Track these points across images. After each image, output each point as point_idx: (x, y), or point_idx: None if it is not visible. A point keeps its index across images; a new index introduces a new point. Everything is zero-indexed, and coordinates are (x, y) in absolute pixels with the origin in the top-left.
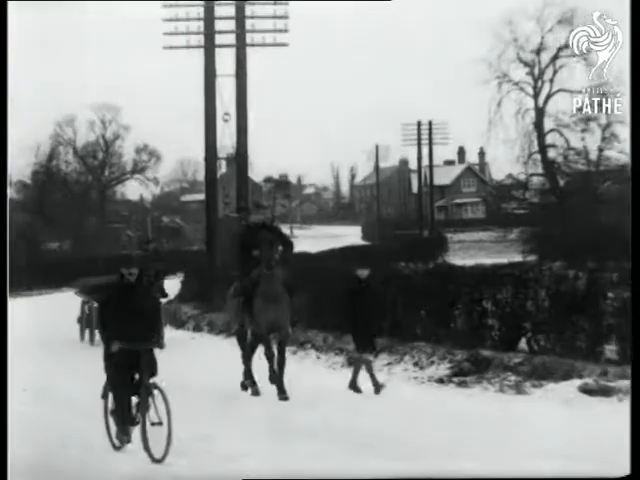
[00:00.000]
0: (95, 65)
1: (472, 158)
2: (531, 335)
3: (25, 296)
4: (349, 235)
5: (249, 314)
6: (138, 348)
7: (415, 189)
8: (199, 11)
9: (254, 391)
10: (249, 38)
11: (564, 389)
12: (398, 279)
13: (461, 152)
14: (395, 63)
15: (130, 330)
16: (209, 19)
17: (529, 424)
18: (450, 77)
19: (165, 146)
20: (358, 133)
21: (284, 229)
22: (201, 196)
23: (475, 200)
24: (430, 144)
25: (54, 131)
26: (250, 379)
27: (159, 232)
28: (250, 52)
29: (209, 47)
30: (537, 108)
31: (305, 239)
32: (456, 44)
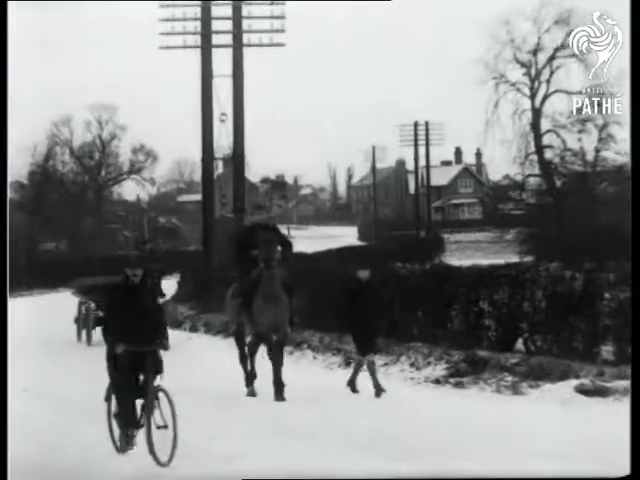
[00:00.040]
0: (94, 65)
1: (469, 159)
2: (528, 336)
3: (23, 296)
4: (346, 236)
5: (248, 314)
6: (143, 350)
7: (412, 190)
8: (196, 11)
9: (250, 392)
10: (246, 38)
11: (561, 389)
12: (395, 280)
13: (458, 153)
14: (392, 64)
15: (134, 332)
16: (206, 19)
17: (526, 424)
18: (447, 78)
19: (162, 146)
20: (355, 133)
21: (281, 230)
22: (198, 196)
23: (472, 201)
24: (427, 145)
25: (51, 131)
26: (247, 379)
27: (156, 232)
28: (247, 52)
29: (206, 47)
30: (534, 109)
31: (302, 240)
32: (453, 45)
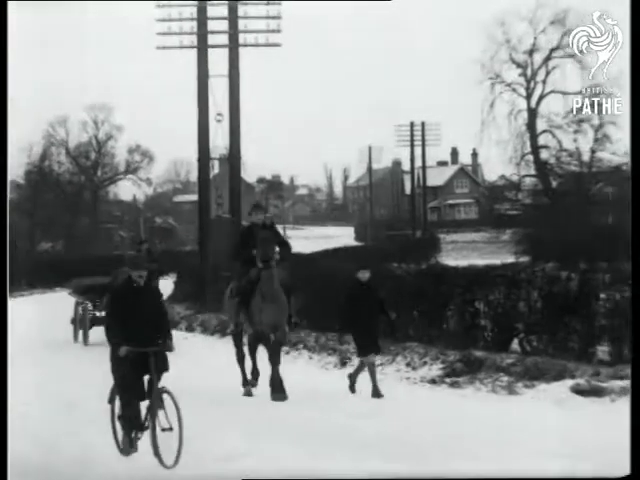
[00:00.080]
0: (93, 65)
1: (465, 159)
2: (523, 336)
3: (20, 297)
4: (342, 236)
5: (247, 314)
6: (147, 351)
7: (408, 190)
8: (192, 11)
9: (247, 391)
10: (242, 38)
11: (556, 390)
12: (391, 280)
13: (454, 153)
14: (388, 64)
15: (139, 333)
16: (202, 19)
17: (521, 424)
18: (443, 78)
19: (158, 146)
20: (351, 134)
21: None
22: (194, 197)
23: (468, 201)
24: (423, 145)
25: (47, 131)
26: (244, 379)
27: (152, 232)
28: (243, 52)
29: (202, 47)
30: (530, 109)
31: (298, 240)
32: (449, 45)
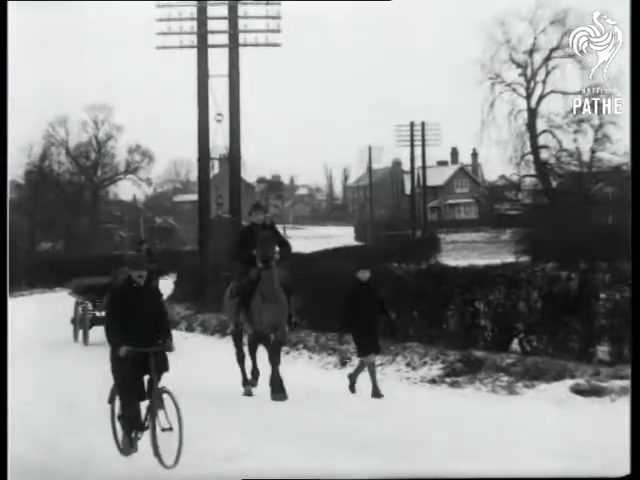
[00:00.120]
0: (93, 65)
1: (465, 159)
2: (523, 336)
3: (20, 296)
4: (342, 236)
5: (247, 314)
6: (147, 351)
7: (408, 190)
8: (192, 11)
9: (247, 391)
10: (242, 38)
11: (556, 389)
12: (391, 280)
13: (454, 153)
14: (388, 64)
15: (139, 333)
16: (202, 19)
17: (521, 424)
18: (443, 78)
19: (158, 146)
20: (351, 134)
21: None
22: (194, 196)
23: (468, 201)
24: (423, 145)
25: (47, 131)
26: (244, 379)
27: (152, 232)
28: (243, 52)
29: (202, 47)
30: (530, 109)
31: (298, 240)
32: (449, 45)
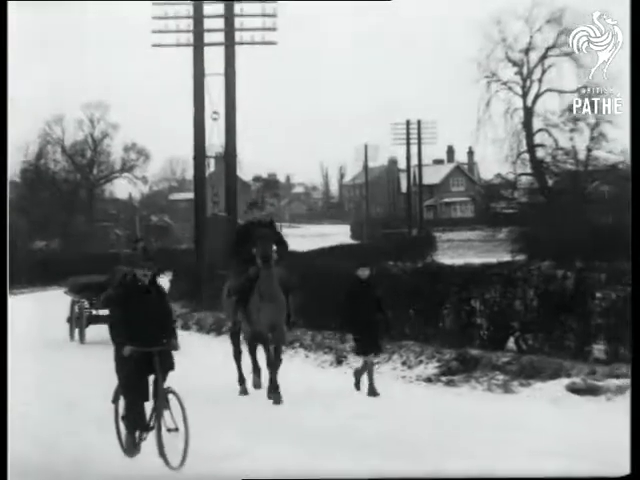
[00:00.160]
0: (92, 65)
1: (461, 157)
2: (519, 334)
3: (16, 295)
4: (338, 234)
5: (244, 313)
6: (152, 350)
7: (404, 188)
8: (188, 9)
9: (243, 390)
10: (238, 36)
11: (552, 388)
12: (387, 278)
13: (450, 151)
14: (384, 63)
15: (144, 332)
16: (198, 17)
17: (517, 423)
18: (439, 77)
19: (154, 145)
20: (347, 132)
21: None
22: (190, 195)
23: (464, 199)
24: (419, 143)
25: (43, 130)
26: (240, 377)
27: (148, 231)
28: (239, 50)
29: (198, 45)
30: (526, 108)
31: (294, 238)
32: (445, 44)
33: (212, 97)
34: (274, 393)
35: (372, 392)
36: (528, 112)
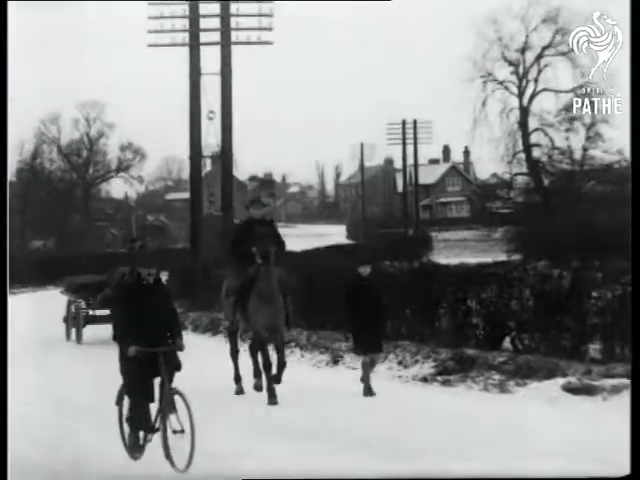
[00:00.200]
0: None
1: (457, 157)
2: (515, 334)
3: (21, 293)
4: (334, 234)
5: (243, 313)
6: (157, 350)
7: (400, 188)
8: (184, 8)
9: (239, 389)
10: (234, 36)
11: (548, 388)
12: (383, 278)
13: (446, 151)
14: (380, 63)
15: (149, 332)
16: (194, 17)
17: (513, 423)
18: (435, 76)
19: (150, 144)
20: (343, 132)
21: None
22: (186, 194)
23: (460, 199)
24: (415, 143)
25: (38, 129)
26: (236, 375)
27: (144, 230)
28: (235, 50)
29: (194, 45)
30: (521, 107)
31: (290, 238)
32: (441, 43)
33: (208, 97)
34: (270, 397)
35: (368, 392)
36: (524, 112)
